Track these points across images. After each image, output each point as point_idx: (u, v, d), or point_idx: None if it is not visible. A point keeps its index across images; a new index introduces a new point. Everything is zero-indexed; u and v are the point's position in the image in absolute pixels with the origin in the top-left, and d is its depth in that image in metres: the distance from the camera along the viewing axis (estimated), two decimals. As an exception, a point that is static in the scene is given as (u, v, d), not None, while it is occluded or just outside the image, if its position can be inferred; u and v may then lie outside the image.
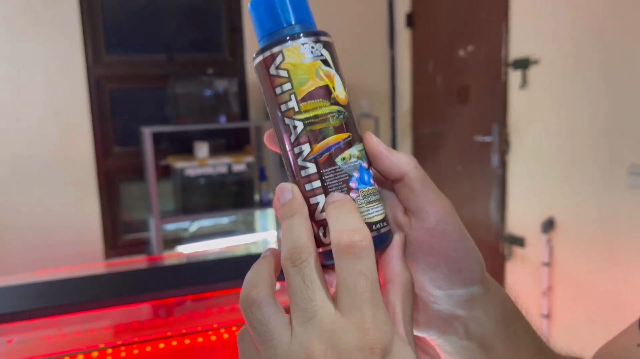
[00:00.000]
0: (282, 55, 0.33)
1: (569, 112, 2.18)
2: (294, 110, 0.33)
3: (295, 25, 0.34)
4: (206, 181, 2.73)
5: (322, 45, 0.34)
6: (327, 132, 0.32)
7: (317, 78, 0.33)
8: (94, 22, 2.75)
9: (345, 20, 3.20)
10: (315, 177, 0.32)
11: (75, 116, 2.72)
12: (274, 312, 0.31)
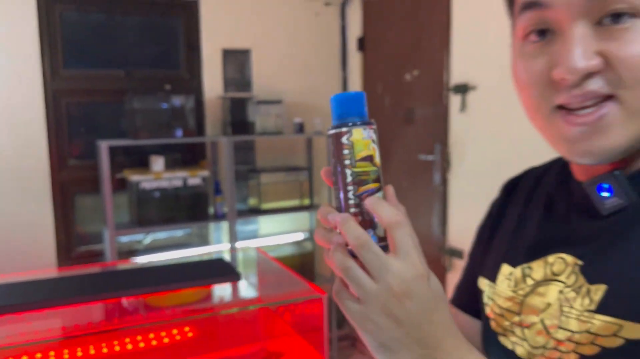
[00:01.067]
0: (351, 133, 0.52)
1: (503, 134, 2.37)
2: (352, 165, 0.52)
3: (359, 116, 0.53)
4: (161, 195, 2.80)
5: (373, 131, 0.53)
6: (368, 182, 0.52)
7: (368, 149, 0.52)
8: (52, 36, 2.80)
9: (302, 42, 3.35)
10: (358, 203, 0.52)
11: (30, 128, 2.75)
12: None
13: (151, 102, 2.86)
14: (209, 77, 3.13)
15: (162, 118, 2.88)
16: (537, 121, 0.60)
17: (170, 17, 3.07)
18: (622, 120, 0.52)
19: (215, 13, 3.12)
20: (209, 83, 3.13)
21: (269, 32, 3.26)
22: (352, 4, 3.40)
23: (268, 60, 3.26)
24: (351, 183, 0.52)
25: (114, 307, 1.08)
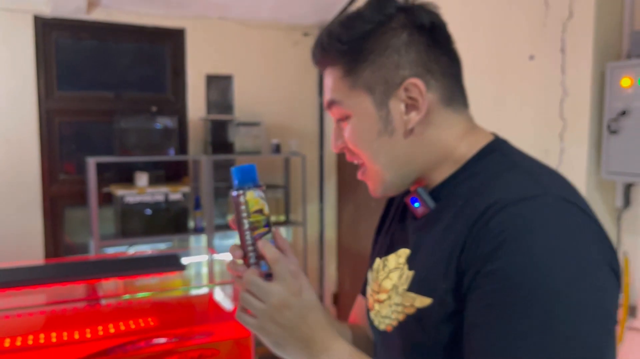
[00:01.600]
0: (245, 194, 0.72)
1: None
2: (248, 216, 0.72)
3: (252, 183, 0.73)
4: (144, 209, 3.01)
5: (262, 191, 0.73)
6: (259, 227, 0.73)
7: (259, 205, 0.72)
8: (47, 60, 3.04)
9: (281, 69, 3.60)
10: (253, 243, 0.73)
11: (25, 145, 2.97)
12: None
13: (138, 122, 3.09)
14: (193, 100, 3.37)
15: (148, 138, 3.11)
16: None
17: (158, 44, 3.32)
18: (375, 173, 0.77)
19: (200, 41, 3.37)
20: (193, 105, 3.37)
21: (251, 59, 3.51)
22: (329, 35, 3.67)
23: (249, 85, 3.51)
24: (248, 229, 0.73)
25: (83, 288, 1.29)
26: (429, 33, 0.74)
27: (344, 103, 0.76)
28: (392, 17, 0.73)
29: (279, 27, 3.57)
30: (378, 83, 0.74)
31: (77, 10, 3.02)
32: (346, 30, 0.74)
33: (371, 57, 0.73)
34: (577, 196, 0.67)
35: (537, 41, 2.17)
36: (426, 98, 0.72)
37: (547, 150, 2.14)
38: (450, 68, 0.77)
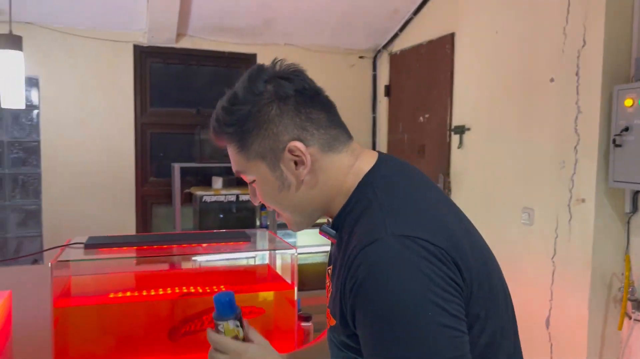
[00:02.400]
0: (223, 326, 0.87)
1: (490, 166, 2.94)
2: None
3: (230, 312, 0.87)
4: (219, 207, 3.53)
5: (238, 319, 0.88)
6: None
7: (234, 332, 0.87)
8: (143, 82, 3.64)
9: (339, 89, 4.04)
10: None
11: (123, 151, 3.57)
12: None
13: (215, 134, 3.63)
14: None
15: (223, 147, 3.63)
16: None
17: (233, 68, 3.86)
18: (286, 218, 0.92)
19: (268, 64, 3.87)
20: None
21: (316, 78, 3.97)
22: (382, 57, 4.08)
23: (310, 103, 3.97)
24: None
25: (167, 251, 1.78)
26: (295, 99, 0.85)
27: (246, 172, 0.90)
28: (262, 94, 0.84)
29: (337, 51, 4.02)
30: (267, 152, 0.85)
31: (168, 40, 3.61)
32: (228, 115, 0.86)
33: (254, 132, 0.85)
34: (414, 224, 0.78)
35: (556, 66, 2.49)
36: (308, 153, 0.84)
37: (564, 161, 2.45)
38: (322, 119, 0.88)
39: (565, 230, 2.45)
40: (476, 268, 0.80)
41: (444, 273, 0.73)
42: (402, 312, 0.71)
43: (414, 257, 0.73)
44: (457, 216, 0.88)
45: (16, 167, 3.41)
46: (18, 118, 3.41)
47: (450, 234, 0.79)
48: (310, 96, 0.87)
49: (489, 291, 0.83)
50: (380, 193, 0.83)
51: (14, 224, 3.43)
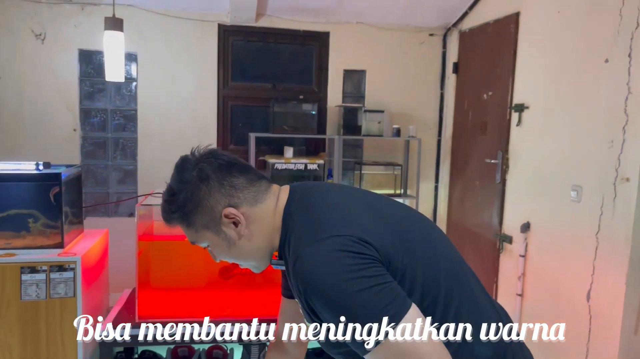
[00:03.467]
0: None
1: (547, 144, 3.02)
2: None
3: None
4: (289, 174, 3.86)
5: None
6: None
7: None
8: (225, 58, 4.02)
9: (408, 65, 4.21)
10: None
11: (207, 121, 3.99)
12: None
13: (288, 107, 3.95)
14: (332, 90, 4.14)
15: (295, 120, 3.95)
16: None
17: (307, 45, 4.14)
18: (246, 267, 1.14)
19: (340, 42, 4.11)
20: (332, 95, 4.14)
21: (381, 57, 4.17)
22: (452, 35, 4.18)
23: (378, 79, 4.18)
24: None
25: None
26: (215, 176, 1.04)
27: (198, 241, 1.10)
28: (189, 181, 1.04)
29: (407, 29, 4.17)
30: (209, 222, 1.05)
31: (249, 20, 3.94)
32: (170, 205, 1.06)
33: (194, 211, 1.04)
34: (320, 230, 0.97)
35: (611, 47, 2.53)
36: (240, 213, 1.04)
37: (613, 141, 2.51)
38: (242, 183, 1.06)
39: (609, 208, 2.53)
40: (389, 239, 1.00)
41: (355, 252, 0.93)
42: (340, 297, 0.91)
43: (327, 254, 0.94)
44: (365, 205, 1.08)
45: (117, 132, 3.93)
46: (120, 90, 3.91)
47: (356, 222, 1.00)
48: (227, 168, 1.06)
49: (408, 253, 1.02)
50: (296, 217, 1.04)
51: (114, 181, 3.98)
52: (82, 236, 2.16)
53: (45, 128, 3.75)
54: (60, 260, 1.84)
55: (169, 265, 1.95)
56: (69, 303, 1.85)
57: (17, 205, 1.86)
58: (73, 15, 3.71)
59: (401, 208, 1.16)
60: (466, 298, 1.08)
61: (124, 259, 2.74)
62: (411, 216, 1.16)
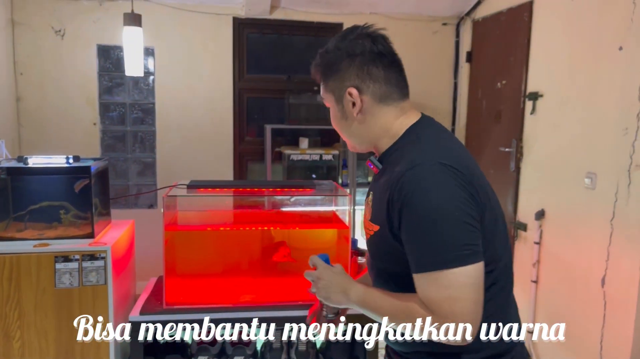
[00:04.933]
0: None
1: (560, 133, 3.04)
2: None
3: None
4: (304, 165, 3.92)
5: None
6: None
7: None
8: (241, 51, 4.07)
9: (422, 54, 4.23)
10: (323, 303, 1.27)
11: (223, 113, 4.06)
12: None
13: (303, 99, 4.00)
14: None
15: (310, 111, 4.00)
16: None
17: (322, 36, 4.18)
18: (346, 140, 1.26)
19: (354, 33, 4.14)
20: (346, 85, 4.17)
21: (395, 46, 4.15)
22: (465, 24, 4.19)
23: (392, 69, 4.20)
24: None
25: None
26: (361, 58, 1.15)
27: (325, 98, 1.24)
28: (341, 50, 1.16)
29: (420, 18, 4.19)
30: (335, 89, 1.18)
31: (263, 12, 3.99)
32: (318, 59, 1.21)
33: (330, 74, 1.18)
34: (446, 157, 1.06)
35: (625, 34, 2.54)
36: (361, 99, 1.16)
37: (627, 128, 2.53)
38: (380, 77, 1.16)
39: (624, 194, 2.55)
40: (484, 195, 1.10)
41: (466, 189, 1.03)
42: (439, 214, 1.00)
43: (445, 177, 1.03)
44: (473, 162, 1.17)
45: (136, 125, 4.02)
46: (138, 84, 3.98)
47: (469, 167, 1.09)
48: (376, 57, 1.16)
49: (493, 214, 1.12)
50: (422, 137, 1.14)
51: (134, 173, 4.06)
52: (110, 226, 2.24)
53: (66, 122, 3.84)
54: (92, 249, 1.92)
55: (193, 254, 2.03)
56: (100, 290, 1.94)
57: (49, 197, 1.94)
58: (91, 11, 3.78)
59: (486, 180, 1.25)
60: (505, 294, 1.18)
61: (147, 249, 2.83)
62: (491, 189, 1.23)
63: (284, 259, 1.97)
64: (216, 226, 2.06)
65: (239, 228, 2.08)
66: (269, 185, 2.47)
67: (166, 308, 1.94)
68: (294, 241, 2.05)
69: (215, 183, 2.25)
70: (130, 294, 2.32)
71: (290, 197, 2.17)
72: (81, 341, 1.94)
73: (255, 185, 2.39)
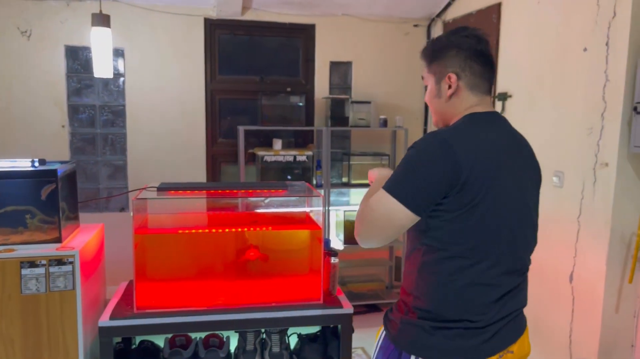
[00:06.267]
0: None
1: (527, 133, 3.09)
2: None
3: None
4: (278, 166, 3.91)
5: None
6: None
7: None
8: (212, 53, 4.04)
9: (393, 56, 4.26)
10: None
11: (195, 115, 4.02)
12: None
13: (276, 100, 3.99)
14: (319, 82, 4.19)
15: (283, 112, 3.99)
16: None
17: (294, 38, 4.17)
18: (433, 114, 1.45)
19: (326, 34, 4.16)
20: (319, 87, 4.19)
21: (367, 48, 4.22)
22: (436, 25, 4.24)
23: (365, 70, 4.23)
24: None
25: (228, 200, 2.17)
26: (466, 52, 1.36)
27: (425, 77, 1.45)
28: (452, 42, 1.38)
29: (392, 20, 4.23)
30: (437, 71, 1.40)
31: (235, 13, 3.97)
32: (431, 44, 1.44)
33: (436, 58, 1.40)
34: (454, 138, 1.27)
35: (589, 36, 2.61)
36: (457, 83, 1.37)
37: (592, 128, 2.59)
38: (476, 71, 1.37)
39: (590, 192, 2.62)
40: (479, 185, 1.24)
41: (448, 164, 1.23)
42: (412, 162, 1.27)
43: (438, 147, 1.25)
44: (501, 155, 1.31)
45: (106, 127, 3.95)
46: (107, 85, 3.92)
47: (475, 154, 1.25)
48: (478, 55, 1.37)
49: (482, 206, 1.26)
50: (463, 122, 1.34)
51: (104, 177, 4.00)
52: (79, 230, 2.20)
53: (33, 125, 3.76)
54: (59, 254, 1.88)
55: (164, 257, 2.00)
56: (68, 295, 1.90)
57: (14, 202, 1.90)
58: (59, 12, 3.71)
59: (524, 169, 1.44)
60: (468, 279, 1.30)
61: (119, 253, 2.79)
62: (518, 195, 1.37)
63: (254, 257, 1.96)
64: (187, 229, 2.04)
65: (210, 230, 2.06)
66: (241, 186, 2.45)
67: (137, 312, 1.91)
68: (267, 242, 2.04)
69: (187, 186, 2.22)
70: (100, 299, 2.29)
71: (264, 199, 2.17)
72: (49, 348, 1.90)
73: (227, 186, 2.37)
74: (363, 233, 1.31)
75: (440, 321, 1.29)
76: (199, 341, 2.10)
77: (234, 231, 2.04)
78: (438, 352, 1.29)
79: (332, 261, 2.03)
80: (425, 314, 1.30)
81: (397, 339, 1.35)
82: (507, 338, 1.34)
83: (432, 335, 1.29)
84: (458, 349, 1.28)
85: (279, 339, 2.12)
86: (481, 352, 1.29)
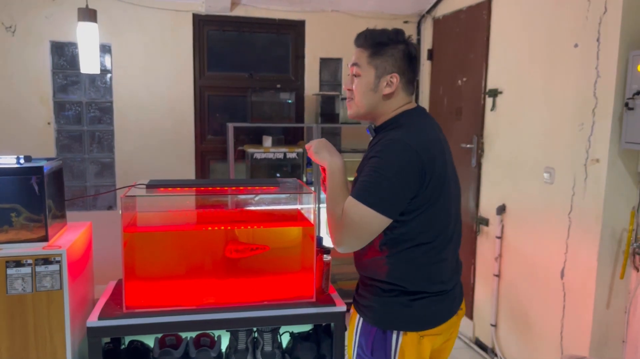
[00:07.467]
0: None
1: (518, 129, 3.10)
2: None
3: None
4: (268, 164, 3.88)
5: None
6: None
7: None
8: (201, 48, 4.00)
9: (383, 52, 4.24)
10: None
11: (184, 112, 3.97)
12: None
13: (266, 96, 3.95)
14: (309, 78, 4.16)
15: (273, 109, 3.96)
16: None
17: (283, 34, 4.14)
18: (357, 105, 1.54)
19: (316, 30, 4.13)
20: (309, 83, 4.16)
21: (357, 45, 4.19)
22: (426, 22, 4.23)
23: (355, 67, 4.20)
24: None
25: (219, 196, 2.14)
26: (409, 57, 1.49)
27: (360, 67, 1.50)
28: (398, 42, 1.48)
29: (382, 16, 4.21)
30: (379, 66, 1.47)
31: (223, 9, 3.92)
32: (379, 35, 1.48)
33: (382, 53, 1.46)
34: (414, 139, 1.40)
35: (580, 31, 2.61)
36: (397, 83, 1.49)
37: (583, 123, 2.59)
38: (412, 76, 1.52)
39: (581, 188, 2.62)
40: (437, 178, 1.42)
41: (415, 166, 1.38)
42: (383, 169, 1.37)
43: (404, 152, 1.38)
44: (440, 148, 1.47)
45: (93, 124, 3.89)
46: (94, 82, 3.86)
47: (430, 151, 1.41)
48: (414, 60, 1.50)
49: (436, 195, 1.44)
50: (408, 122, 1.47)
51: (92, 174, 3.94)
52: (66, 229, 2.15)
53: (18, 122, 3.69)
54: (46, 253, 1.84)
55: (154, 255, 1.97)
56: (55, 295, 1.86)
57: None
58: (44, 6, 3.65)
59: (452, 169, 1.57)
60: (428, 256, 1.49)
61: (107, 251, 2.74)
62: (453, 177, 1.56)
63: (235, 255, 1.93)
64: (177, 227, 2.00)
65: (200, 228, 2.03)
66: (231, 183, 2.42)
67: (126, 312, 1.88)
68: (258, 240, 2.01)
69: (176, 183, 2.19)
70: (88, 299, 2.24)
71: (254, 196, 2.14)
72: (36, 350, 1.86)
73: (216, 183, 2.34)
74: (342, 242, 1.41)
75: (415, 293, 1.47)
76: (189, 340, 2.07)
77: (223, 229, 2.01)
78: (419, 319, 1.48)
79: (325, 258, 2.01)
80: (401, 291, 1.47)
81: (378, 320, 1.49)
82: (459, 298, 1.60)
83: (411, 307, 1.46)
84: (436, 314, 1.50)
85: (271, 338, 2.10)
86: (451, 311, 1.54)
